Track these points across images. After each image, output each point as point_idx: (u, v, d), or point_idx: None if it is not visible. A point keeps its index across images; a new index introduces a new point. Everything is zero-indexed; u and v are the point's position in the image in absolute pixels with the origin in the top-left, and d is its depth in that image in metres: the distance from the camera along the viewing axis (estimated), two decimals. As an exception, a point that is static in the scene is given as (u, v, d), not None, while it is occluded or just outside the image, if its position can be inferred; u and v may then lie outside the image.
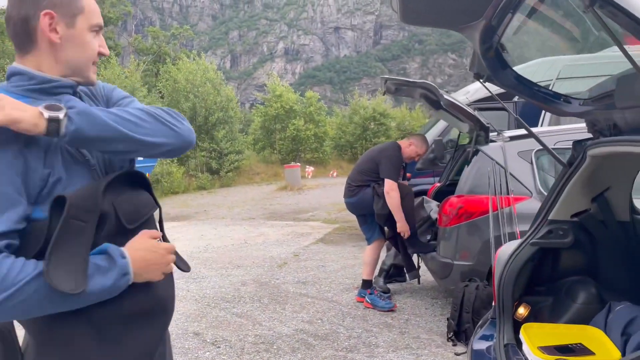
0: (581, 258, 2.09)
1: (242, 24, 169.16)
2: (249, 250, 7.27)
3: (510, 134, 3.94)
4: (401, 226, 4.11)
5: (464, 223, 3.68)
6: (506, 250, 2.10)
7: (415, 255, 4.39)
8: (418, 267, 4.47)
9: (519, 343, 1.89)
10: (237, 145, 21.28)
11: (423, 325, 3.89)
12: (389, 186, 4.09)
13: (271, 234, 8.56)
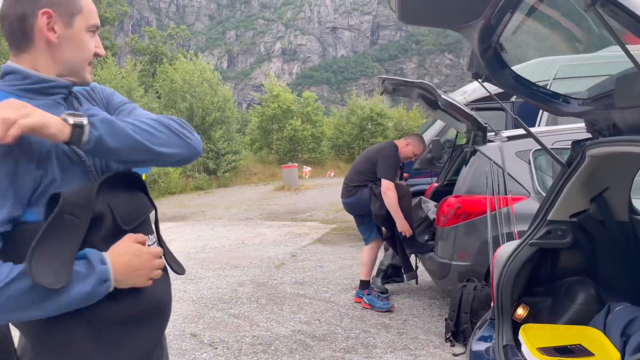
0: (580, 258, 2.09)
1: (239, 24, 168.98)
2: (247, 250, 7.25)
3: (508, 134, 3.95)
4: (401, 225, 4.09)
5: (462, 223, 3.68)
6: (505, 250, 2.10)
7: (413, 255, 4.39)
8: (416, 268, 4.47)
9: (518, 344, 1.89)
10: (235, 145, 21.30)
11: (421, 325, 3.89)
12: (386, 186, 4.08)
13: (268, 235, 8.54)
